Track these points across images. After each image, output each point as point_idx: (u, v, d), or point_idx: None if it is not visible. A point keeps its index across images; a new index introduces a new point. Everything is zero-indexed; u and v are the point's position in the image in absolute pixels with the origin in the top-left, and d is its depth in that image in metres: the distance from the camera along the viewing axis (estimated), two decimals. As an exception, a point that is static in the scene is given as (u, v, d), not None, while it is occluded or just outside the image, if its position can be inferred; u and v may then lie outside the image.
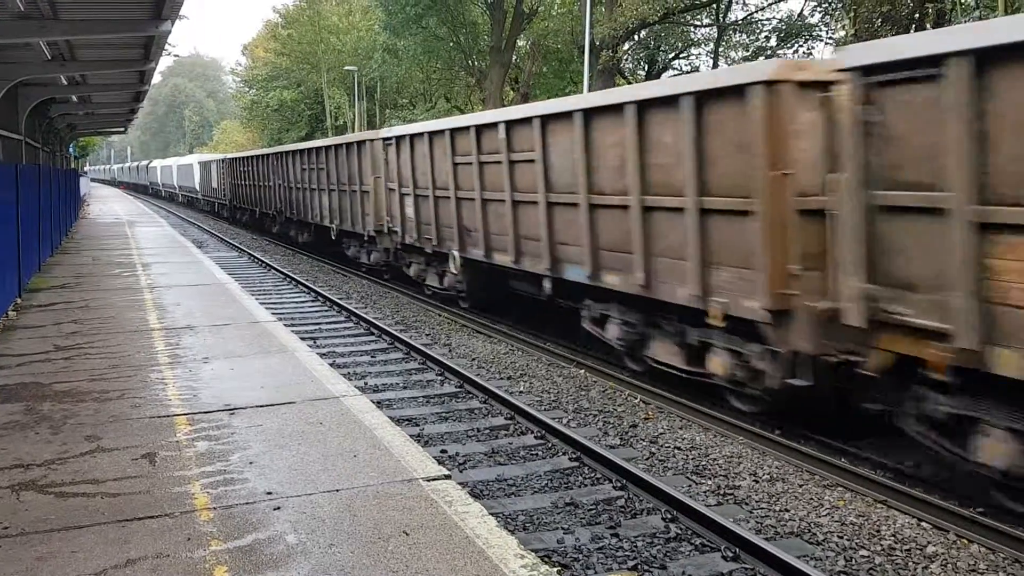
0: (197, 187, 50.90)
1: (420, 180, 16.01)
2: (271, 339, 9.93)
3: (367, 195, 19.25)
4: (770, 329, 7.96)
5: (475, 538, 4.50)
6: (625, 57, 36.70)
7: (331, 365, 9.40)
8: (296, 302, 17.35)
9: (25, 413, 6.79)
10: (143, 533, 4.57)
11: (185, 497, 5.05)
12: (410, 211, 16.72)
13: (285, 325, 11.48)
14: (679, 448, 8.18)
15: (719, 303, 8.51)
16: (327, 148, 22.58)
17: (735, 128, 8.08)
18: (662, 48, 39.22)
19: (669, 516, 6.46)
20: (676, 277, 9.15)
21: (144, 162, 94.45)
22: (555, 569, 5.60)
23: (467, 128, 13.76)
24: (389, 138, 17.63)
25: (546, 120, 11.42)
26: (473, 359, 12.04)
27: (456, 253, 14.77)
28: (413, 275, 17.66)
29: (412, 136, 16.26)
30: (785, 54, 32.92)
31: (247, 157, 34.81)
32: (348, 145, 20.63)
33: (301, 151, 25.62)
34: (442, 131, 14.77)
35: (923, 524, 6.40)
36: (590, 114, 10.42)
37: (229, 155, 42.27)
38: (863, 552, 5.98)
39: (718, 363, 8.87)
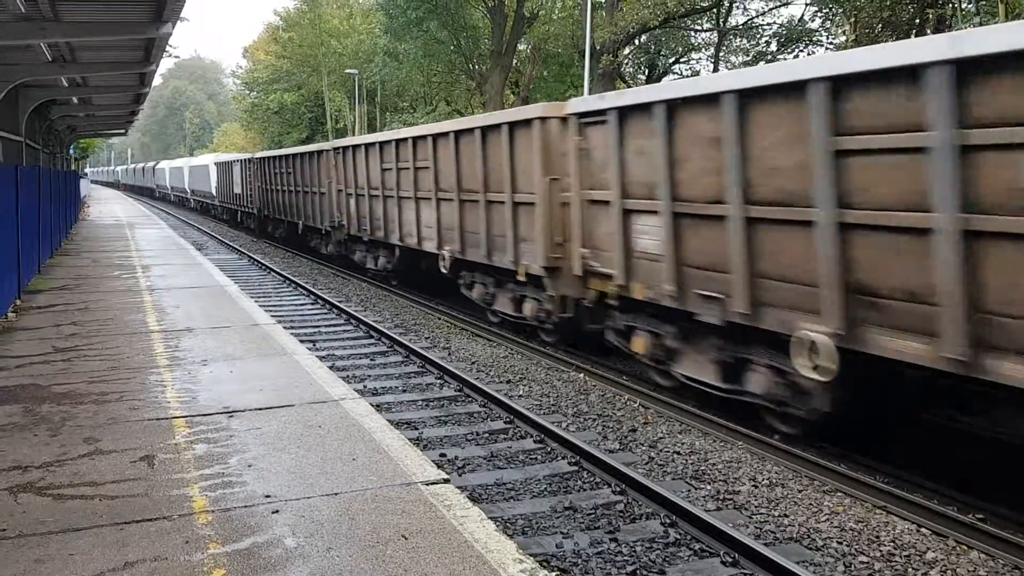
0: (213, 192, 44.15)
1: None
2: (270, 342, 9.92)
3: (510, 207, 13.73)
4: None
5: (474, 542, 4.49)
6: (626, 61, 36.74)
7: (330, 368, 9.39)
8: (295, 305, 17.34)
9: (24, 415, 6.78)
10: (141, 536, 4.55)
11: (183, 500, 5.04)
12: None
13: (284, 328, 11.48)
14: (678, 453, 8.17)
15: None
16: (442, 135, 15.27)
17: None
18: (663, 52, 39.27)
19: (668, 521, 6.45)
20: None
21: (150, 163, 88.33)
22: (554, 574, 5.59)
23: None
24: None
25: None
26: (472, 362, 12.03)
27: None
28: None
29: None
30: (785, 58, 32.92)
31: (286, 156, 28.01)
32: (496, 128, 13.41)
33: (387, 143, 17.83)
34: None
35: (923, 530, 6.39)
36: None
37: (259, 153, 34.43)
38: (862, 558, 5.97)
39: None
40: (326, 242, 24.15)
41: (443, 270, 15.35)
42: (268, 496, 5.11)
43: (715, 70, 36.17)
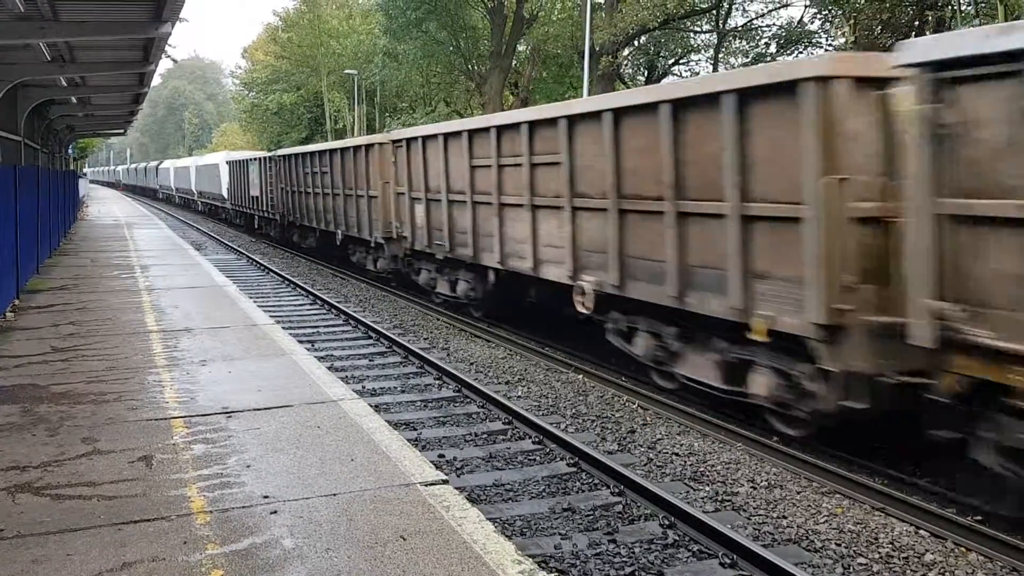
0: (225, 194, 39.73)
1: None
2: (269, 342, 9.91)
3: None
4: None
5: (472, 543, 4.49)
6: (625, 62, 36.76)
7: (329, 368, 9.39)
8: (294, 305, 17.33)
9: (22, 415, 6.78)
10: (139, 536, 4.55)
11: (182, 500, 5.04)
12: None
13: (283, 328, 11.47)
14: (677, 454, 8.17)
15: None
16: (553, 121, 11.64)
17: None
18: (662, 54, 39.29)
19: (667, 522, 6.45)
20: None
21: (152, 162, 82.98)
22: (552, 575, 5.59)
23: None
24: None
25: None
26: (471, 363, 12.02)
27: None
28: None
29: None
30: (786, 59, 32.96)
31: (321, 153, 23.36)
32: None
33: (481, 131, 13.72)
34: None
35: (921, 532, 6.39)
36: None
37: (284, 150, 30.29)
38: (861, 560, 5.97)
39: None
40: (375, 257, 19.75)
41: (580, 309, 10.99)
42: (266, 497, 5.10)
43: (715, 71, 36.18)
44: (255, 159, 32.50)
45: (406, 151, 16.75)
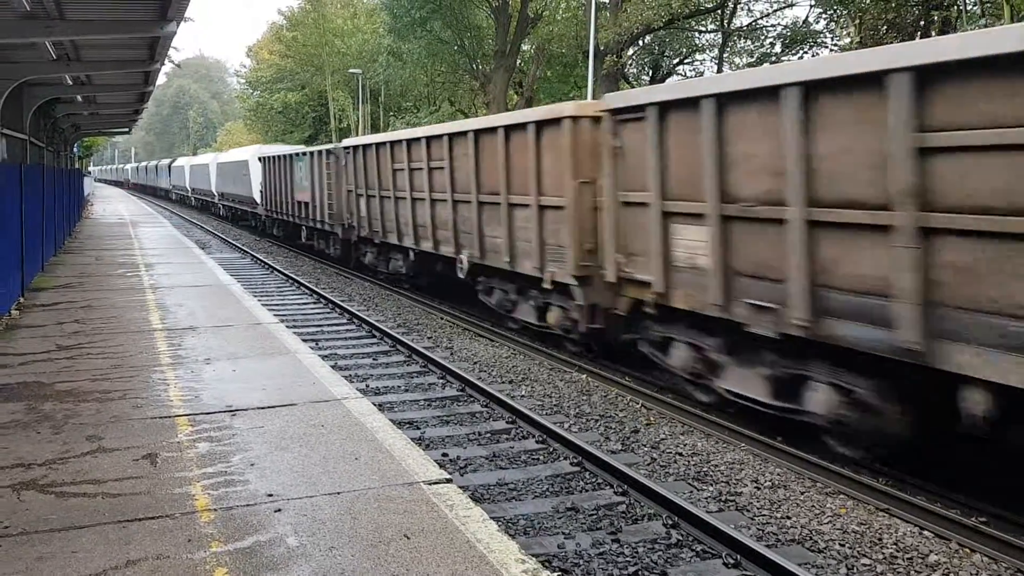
0: (256, 197, 32.94)
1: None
2: (273, 341, 9.92)
3: None
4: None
5: (476, 542, 4.49)
6: (629, 62, 36.71)
7: (333, 367, 9.40)
8: (298, 304, 17.35)
9: (27, 412, 6.79)
10: (143, 534, 4.56)
11: (186, 498, 5.05)
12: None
13: (287, 327, 11.48)
14: (681, 454, 8.17)
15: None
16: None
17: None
18: (666, 53, 39.25)
19: (670, 522, 6.45)
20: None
21: (164, 160, 76.40)
22: (556, 574, 5.59)
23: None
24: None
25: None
26: (475, 363, 12.03)
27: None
28: None
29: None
30: (791, 59, 32.90)
31: (430, 138, 15.93)
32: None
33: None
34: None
35: (925, 533, 6.38)
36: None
37: (356, 139, 21.46)
38: (865, 560, 5.96)
39: None
40: (540, 303, 12.80)
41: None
42: (270, 495, 5.11)
43: (719, 71, 36.13)
44: (304, 154, 25.61)
45: (656, 128, 10.08)
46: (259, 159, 32.05)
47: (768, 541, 6.24)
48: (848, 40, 31.16)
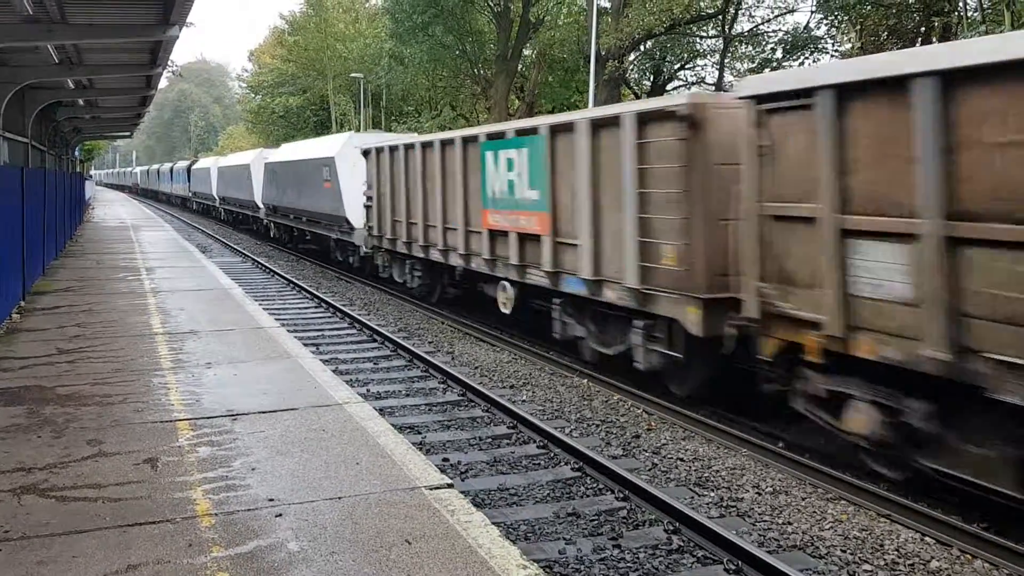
0: (348, 214, 21.07)
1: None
2: (274, 345, 9.92)
3: None
4: None
5: (477, 548, 4.49)
6: (631, 67, 36.75)
7: (334, 372, 9.39)
8: (299, 308, 17.35)
9: (27, 416, 6.79)
10: (144, 539, 4.55)
11: (186, 503, 5.04)
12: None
13: (288, 331, 11.47)
14: (682, 459, 8.16)
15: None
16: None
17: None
18: (668, 59, 39.27)
19: (671, 528, 6.44)
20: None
21: (181, 162, 66.05)
22: (557, 580, 5.58)
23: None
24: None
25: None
26: (476, 367, 12.02)
27: None
28: None
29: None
30: (791, 66, 32.94)
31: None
32: None
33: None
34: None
35: (927, 539, 6.37)
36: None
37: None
38: (866, 567, 5.96)
39: None
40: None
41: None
42: (271, 499, 5.10)
43: (720, 77, 36.17)
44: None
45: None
46: (361, 152, 19.99)
47: (769, 547, 6.23)
48: (849, 46, 31.19)
